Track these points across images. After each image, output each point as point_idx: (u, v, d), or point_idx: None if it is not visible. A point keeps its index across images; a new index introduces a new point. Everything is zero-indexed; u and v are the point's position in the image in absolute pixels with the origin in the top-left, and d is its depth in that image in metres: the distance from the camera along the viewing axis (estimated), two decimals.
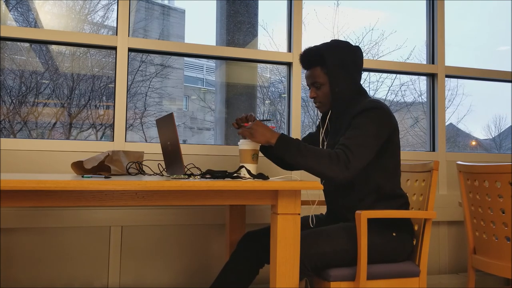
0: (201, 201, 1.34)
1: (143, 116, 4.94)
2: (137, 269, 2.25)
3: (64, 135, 4.06)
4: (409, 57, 4.36)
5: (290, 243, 1.38)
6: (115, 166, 1.65)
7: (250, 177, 1.50)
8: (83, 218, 2.15)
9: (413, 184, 1.87)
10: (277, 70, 4.75)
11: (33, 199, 1.20)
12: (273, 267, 1.39)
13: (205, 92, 6.66)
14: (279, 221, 1.37)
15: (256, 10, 3.09)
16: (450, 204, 2.65)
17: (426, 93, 2.96)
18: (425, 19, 2.96)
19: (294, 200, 1.38)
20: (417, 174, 1.87)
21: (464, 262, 2.70)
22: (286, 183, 1.36)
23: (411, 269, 1.67)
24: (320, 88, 1.72)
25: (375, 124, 1.59)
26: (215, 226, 2.35)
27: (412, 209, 1.84)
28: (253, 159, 1.61)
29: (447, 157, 2.80)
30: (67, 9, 3.58)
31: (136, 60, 4.54)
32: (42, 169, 2.12)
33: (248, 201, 1.39)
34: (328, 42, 1.77)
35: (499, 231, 1.93)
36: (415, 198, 1.84)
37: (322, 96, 1.73)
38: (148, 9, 5.61)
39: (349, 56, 1.72)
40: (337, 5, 4.98)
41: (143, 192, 1.28)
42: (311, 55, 1.72)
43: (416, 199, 1.83)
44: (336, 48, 1.72)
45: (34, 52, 3.42)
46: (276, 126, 3.28)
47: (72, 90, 3.89)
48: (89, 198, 1.25)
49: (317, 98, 1.75)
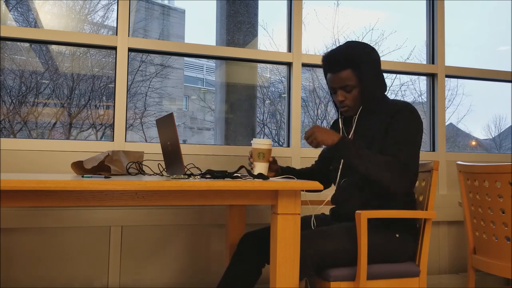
0: (201, 201, 1.34)
1: (143, 116, 4.94)
2: (137, 269, 2.25)
3: (64, 135, 4.06)
4: (409, 57, 4.36)
5: (290, 243, 1.37)
6: (115, 166, 1.65)
7: (250, 176, 1.50)
8: (83, 218, 2.15)
9: None
10: (277, 70, 4.75)
11: (33, 199, 1.20)
12: (273, 267, 1.39)
13: (205, 92, 6.66)
14: (279, 221, 1.37)
15: (256, 10, 3.09)
16: (450, 204, 2.65)
17: (426, 93, 2.96)
18: (425, 19, 2.96)
19: (294, 200, 1.38)
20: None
21: (464, 262, 2.70)
22: (286, 183, 1.36)
23: (411, 269, 1.67)
24: (351, 91, 1.69)
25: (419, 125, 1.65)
26: (215, 226, 2.35)
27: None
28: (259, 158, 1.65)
29: (447, 157, 2.80)
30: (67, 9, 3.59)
31: (136, 60, 4.54)
32: (42, 169, 2.12)
33: (248, 201, 1.39)
34: (349, 43, 1.74)
35: (499, 231, 1.93)
36: (415, 198, 1.84)
37: (352, 99, 1.70)
38: (148, 9, 5.61)
39: (374, 56, 1.71)
40: (337, 5, 4.99)
41: (143, 192, 1.28)
42: (340, 58, 1.68)
43: (416, 199, 1.83)
44: (364, 49, 1.70)
45: (34, 52, 3.43)
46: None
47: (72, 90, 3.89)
48: (89, 198, 1.25)
49: (346, 101, 1.71)
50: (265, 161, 1.66)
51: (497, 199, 1.92)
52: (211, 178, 1.41)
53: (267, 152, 1.66)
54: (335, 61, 1.69)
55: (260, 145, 1.65)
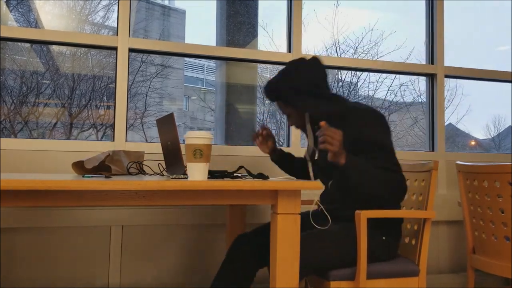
0: (201, 201, 1.34)
1: (143, 116, 4.95)
2: (137, 268, 2.26)
3: (65, 135, 4.07)
4: (408, 57, 4.37)
5: (290, 243, 1.38)
6: (116, 166, 1.66)
7: (250, 176, 1.50)
8: (84, 218, 2.15)
9: (413, 184, 1.88)
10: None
11: (33, 199, 1.20)
12: (273, 267, 1.39)
13: (205, 92, 6.68)
14: (279, 221, 1.37)
15: (256, 11, 3.10)
16: (450, 204, 2.65)
17: (426, 93, 2.97)
18: (425, 19, 2.97)
19: (294, 200, 1.38)
20: (417, 174, 1.87)
21: (464, 262, 2.70)
22: (286, 183, 1.36)
23: (411, 269, 1.67)
24: (291, 115, 1.77)
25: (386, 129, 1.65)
26: (215, 226, 2.36)
27: (412, 208, 1.85)
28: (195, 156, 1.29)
29: (447, 157, 2.80)
30: (67, 9, 3.59)
31: (137, 61, 4.55)
32: (42, 169, 2.13)
33: (248, 201, 1.39)
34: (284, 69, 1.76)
35: (499, 231, 1.94)
36: (415, 198, 1.84)
37: (296, 120, 1.77)
38: (149, 10, 5.62)
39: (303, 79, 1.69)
40: (336, 5, 4.99)
41: (144, 191, 1.29)
42: (270, 90, 1.77)
43: (416, 199, 1.83)
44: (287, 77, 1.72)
45: (35, 53, 3.43)
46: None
47: (73, 90, 3.90)
48: (90, 198, 1.25)
49: (292, 123, 1.81)
50: (203, 161, 1.30)
51: (496, 199, 1.93)
52: (211, 178, 1.41)
53: (206, 148, 1.30)
54: (267, 93, 1.79)
55: (196, 140, 1.29)
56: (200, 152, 1.29)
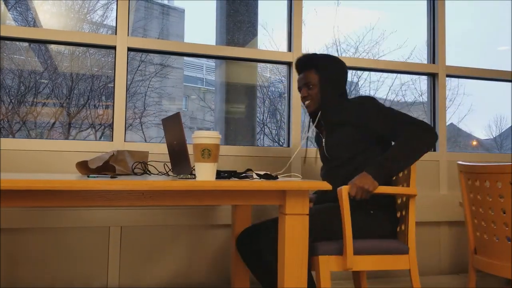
0: (209, 201, 1.33)
1: (142, 116, 4.94)
2: (136, 269, 2.25)
3: (63, 135, 4.06)
4: (409, 57, 4.36)
5: (298, 243, 1.37)
6: (120, 166, 1.64)
7: (257, 177, 1.48)
8: (83, 218, 2.14)
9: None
10: (277, 70, 4.74)
11: (39, 199, 1.18)
12: (281, 267, 1.38)
13: (204, 91, 6.66)
14: (287, 221, 1.36)
15: (256, 10, 3.08)
16: (451, 204, 2.64)
17: (427, 92, 2.96)
18: (426, 18, 2.96)
19: (302, 200, 1.37)
20: None
21: (465, 262, 2.69)
22: (294, 183, 1.35)
23: (398, 246, 1.70)
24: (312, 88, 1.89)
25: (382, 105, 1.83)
26: (219, 226, 2.34)
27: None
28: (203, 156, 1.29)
29: (448, 157, 2.79)
30: (66, 8, 3.58)
31: (136, 60, 4.53)
32: (41, 169, 2.11)
33: (256, 201, 1.38)
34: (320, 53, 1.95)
35: (500, 232, 1.92)
36: (400, 174, 1.89)
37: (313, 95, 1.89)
38: (148, 8, 5.61)
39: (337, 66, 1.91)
40: (337, 4, 4.98)
41: (151, 192, 1.27)
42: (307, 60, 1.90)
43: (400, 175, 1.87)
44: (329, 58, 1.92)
45: (33, 52, 3.42)
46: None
47: (71, 89, 3.88)
48: (95, 198, 1.23)
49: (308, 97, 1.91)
50: (212, 161, 1.29)
51: (498, 199, 1.91)
52: (218, 178, 1.39)
53: (215, 148, 1.29)
54: (305, 59, 1.92)
55: (204, 139, 1.28)
56: (209, 152, 1.27)
